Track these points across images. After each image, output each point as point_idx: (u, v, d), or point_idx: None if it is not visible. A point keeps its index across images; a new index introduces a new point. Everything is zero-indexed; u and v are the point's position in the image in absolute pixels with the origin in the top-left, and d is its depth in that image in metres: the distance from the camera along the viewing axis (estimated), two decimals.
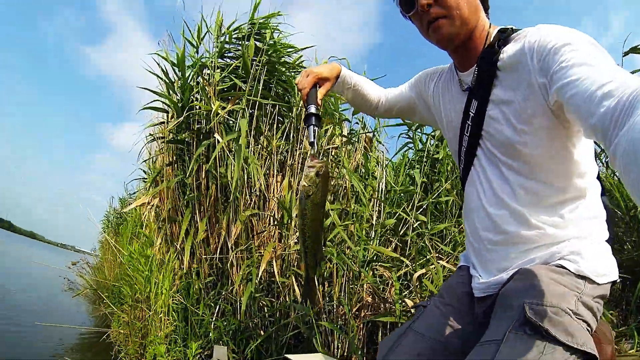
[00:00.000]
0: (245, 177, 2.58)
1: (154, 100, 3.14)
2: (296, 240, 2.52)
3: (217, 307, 2.62)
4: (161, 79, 3.13)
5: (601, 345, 1.06)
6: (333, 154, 2.93)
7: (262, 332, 2.45)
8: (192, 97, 2.88)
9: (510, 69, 1.05)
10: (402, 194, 2.94)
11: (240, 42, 3.09)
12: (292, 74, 3.19)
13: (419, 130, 3.42)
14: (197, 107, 2.74)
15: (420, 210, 2.79)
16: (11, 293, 6.67)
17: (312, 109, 1.29)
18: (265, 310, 2.56)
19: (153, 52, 3.19)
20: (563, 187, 1.05)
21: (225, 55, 3.19)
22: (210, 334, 2.53)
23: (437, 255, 2.58)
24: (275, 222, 2.60)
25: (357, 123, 3.27)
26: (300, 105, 2.87)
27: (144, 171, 4.07)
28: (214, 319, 2.59)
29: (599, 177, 1.15)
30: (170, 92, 3.07)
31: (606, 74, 0.72)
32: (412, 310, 2.33)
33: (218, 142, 2.52)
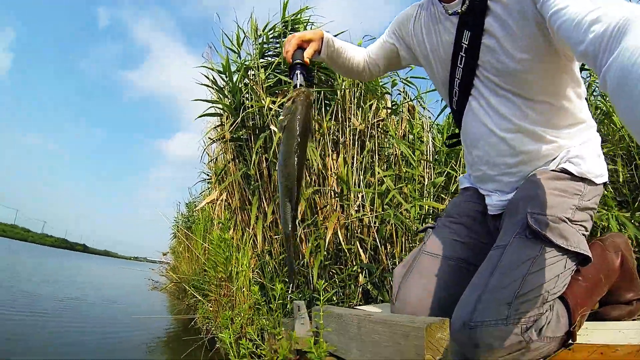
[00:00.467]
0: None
1: (209, 108, 3.47)
2: (357, 209, 2.74)
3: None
4: (211, 87, 3.45)
5: (606, 252, 1.19)
6: (381, 126, 3.10)
7: (334, 298, 2.66)
8: (242, 97, 3.14)
9: None
10: (448, 154, 3.09)
11: (277, 40, 3.33)
12: None
13: None
14: (250, 105, 3.00)
15: None
16: (107, 301, 7.38)
17: (298, 61, 1.28)
18: (336, 277, 2.79)
19: (192, 63, 3.52)
20: (567, 101, 1.12)
21: (266, 54, 3.40)
22: (288, 306, 2.78)
23: None
24: (336, 195, 2.83)
25: (399, 94, 3.41)
26: (343, 85, 3.05)
27: (206, 174, 4.44)
28: (289, 292, 2.85)
29: None
30: (222, 97, 3.38)
31: (595, 0, 0.72)
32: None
33: (274, 133, 2.78)
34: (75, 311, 5.71)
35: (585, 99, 1.21)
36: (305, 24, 3.37)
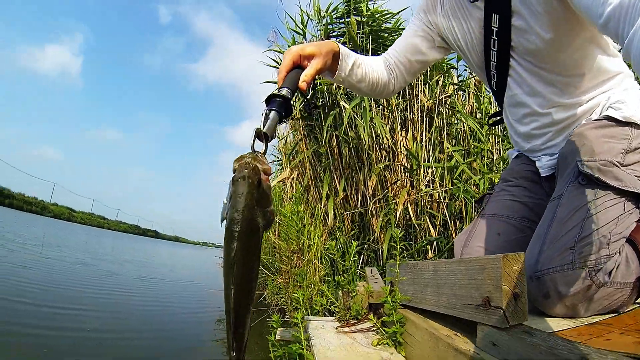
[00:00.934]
0: (374, 135, 2.87)
1: (275, 90, 3.58)
2: (426, 184, 2.75)
3: (361, 256, 2.93)
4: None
5: None
6: (448, 102, 3.07)
7: None
8: None
9: None
10: None
11: (342, 21, 3.38)
12: (395, 36, 3.39)
13: None
14: (319, 84, 3.07)
15: None
16: (183, 280, 7.96)
17: (282, 91, 0.92)
18: (405, 253, 2.81)
19: (254, 51, 3.62)
20: (602, 64, 1.11)
21: (331, 35, 3.45)
22: (357, 281, 2.84)
23: None
24: (406, 170, 2.84)
25: (465, 70, 3.35)
26: None
27: (275, 155, 4.59)
28: (359, 267, 2.90)
29: None
30: None
31: None
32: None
33: (344, 109, 2.84)
34: (155, 288, 6.21)
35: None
36: (367, 2, 3.36)
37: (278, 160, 4.60)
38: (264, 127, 0.82)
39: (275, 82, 3.48)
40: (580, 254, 0.91)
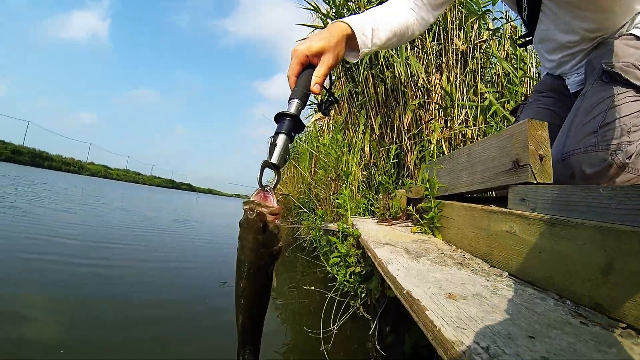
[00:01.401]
0: (409, 74, 2.98)
1: (311, 32, 3.70)
2: (460, 122, 2.86)
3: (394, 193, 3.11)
4: (315, 11, 3.67)
5: None
6: (483, 47, 3.10)
7: None
8: None
9: None
10: None
11: None
12: None
13: None
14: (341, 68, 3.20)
15: None
16: (216, 226, 8.41)
17: (291, 107, 0.84)
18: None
19: (285, 4, 3.68)
20: None
21: None
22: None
23: None
24: (441, 108, 2.94)
25: (501, 17, 3.33)
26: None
27: (310, 101, 4.74)
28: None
29: None
30: (326, 20, 3.58)
31: None
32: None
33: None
34: (191, 230, 6.69)
35: None
36: None
37: (315, 102, 4.77)
38: (271, 158, 0.77)
39: (311, 25, 3.61)
40: (603, 137, 0.99)
